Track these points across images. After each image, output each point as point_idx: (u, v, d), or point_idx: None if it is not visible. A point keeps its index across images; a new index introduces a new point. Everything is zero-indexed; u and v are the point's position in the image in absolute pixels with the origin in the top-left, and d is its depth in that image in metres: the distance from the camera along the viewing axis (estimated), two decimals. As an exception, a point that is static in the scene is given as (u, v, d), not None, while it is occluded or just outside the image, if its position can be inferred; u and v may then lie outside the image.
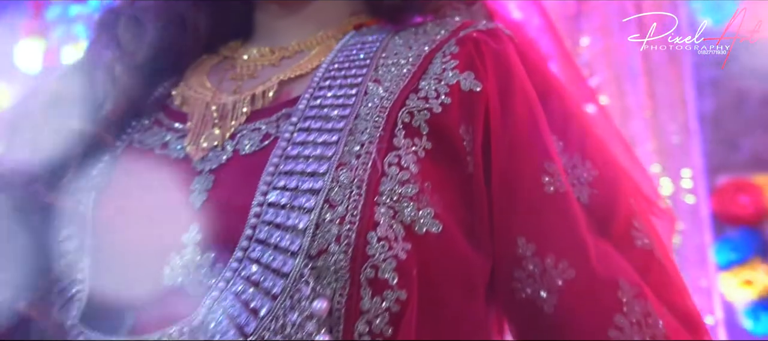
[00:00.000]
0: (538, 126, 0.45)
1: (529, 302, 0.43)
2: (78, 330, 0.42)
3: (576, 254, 0.42)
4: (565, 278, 0.42)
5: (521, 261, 0.43)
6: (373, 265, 0.38)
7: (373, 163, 0.40)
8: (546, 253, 0.42)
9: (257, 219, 0.40)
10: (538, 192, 0.43)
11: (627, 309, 0.41)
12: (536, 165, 0.44)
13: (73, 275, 0.44)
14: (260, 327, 0.37)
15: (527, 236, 0.43)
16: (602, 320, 0.41)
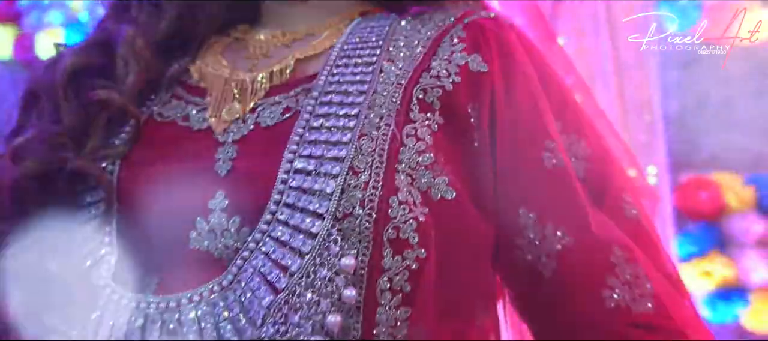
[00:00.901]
0: (538, 106, 0.49)
1: (530, 267, 0.47)
2: (111, 289, 0.44)
3: (573, 222, 0.46)
4: (563, 244, 0.46)
5: (523, 230, 0.47)
6: (394, 226, 0.41)
7: (392, 134, 0.43)
8: (545, 222, 0.46)
9: (284, 185, 0.43)
10: (539, 166, 0.47)
11: (619, 271, 0.45)
12: (537, 142, 0.48)
13: (100, 238, 0.46)
14: (291, 283, 0.40)
15: (528, 207, 0.47)
16: (596, 281, 0.45)
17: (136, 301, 0.43)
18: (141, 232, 0.46)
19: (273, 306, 0.40)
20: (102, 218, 0.46)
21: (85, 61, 0.51)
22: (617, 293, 0.45)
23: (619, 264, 0.45)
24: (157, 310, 0.43)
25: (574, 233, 0.46)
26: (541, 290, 0.47)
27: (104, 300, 0.44)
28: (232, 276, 0.42)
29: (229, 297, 0.42)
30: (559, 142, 0.48)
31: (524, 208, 0.47)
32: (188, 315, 0.42)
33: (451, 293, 0.44)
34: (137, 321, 0.43)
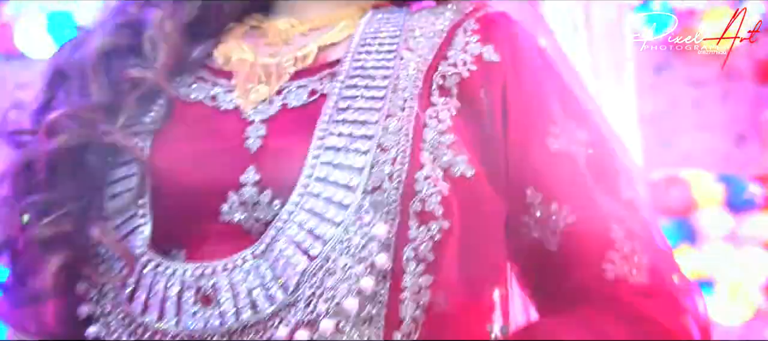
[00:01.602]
0: (543, 95, 0.53)
1: (536, 242, 0.50)
2: (148, 258, 0.46)
3: (576, 202, 0.50)
4: (567, 222, 0.50)
5: (529, 208, 0.50)
6: (420, 199, 0.44)
7: (416, 115, 0.47)
8: (551, 201, 0.50)
9: (316, 160, 0.46)
10: (544, 150, 0.51)
11: (618, 246, 0.49)
12: (542, 127, 0.51)
13: (134, 210, 0.48)
14: (326, 250, 0.43)
15: (535, 187, 0.50)
16: (598, 255, 0.49)
17: (173, 269, 0.46)
18: (172, 205, 0.48)
19: (308, 270, 0.43)
20: (135, 191, 0.48)
21: (114, 42, 0.53)
22: (617, 266, 0.49)
23: (618, 240, 0.49)
24: (193, 277, 0.45)
25: (578, 212, 0.50)
26: (546, 263, 0.50)
27: (141, 267, 0.46)
28: (265, 245, 0.45)
29: (262, 266, 0.45)
30: (563, 127, 0.52)
31: (531, 188, 0.50)
32: (223, 283, 0.45)
33: (470, 263, 0.47)
34: (173, 288, 0.45)
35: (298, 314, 0.42)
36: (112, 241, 0.46)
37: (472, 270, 0.48)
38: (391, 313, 0.44)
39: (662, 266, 0.50)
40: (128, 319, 0.46)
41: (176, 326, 0.45)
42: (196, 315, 0.45)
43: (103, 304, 0.48)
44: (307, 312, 0.42)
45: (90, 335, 0.48)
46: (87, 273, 0.49)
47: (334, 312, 0.42)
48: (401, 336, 0.44)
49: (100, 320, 0.48)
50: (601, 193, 0.52)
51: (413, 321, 0.44)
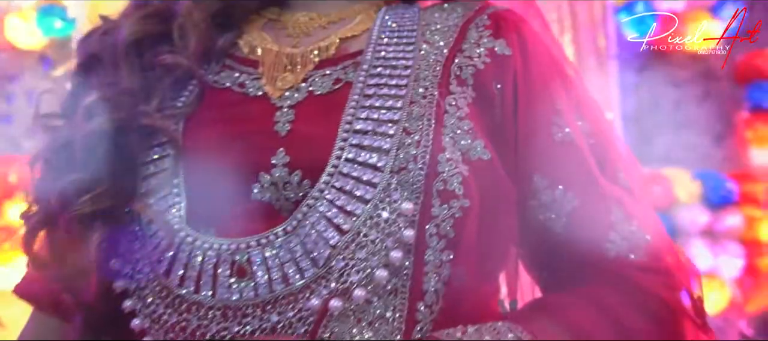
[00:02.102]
0: (549, 87, 0.56)
1: (542, 225, 0.54)
2: (185, 233, 0.49)
3: (580, 187, 0.54)
4: (572, 205, 0.53)
5: (536, 193, 0.54)
6: (442, 179, 0.48)
7: (437, 102, 0.50)
8: (556, 186, 0.54)
9: (345, 143, 0.49)
10: (549, 140, 0.54)
11: (618, 227, 0.53)
12: (547, 119, 0.55)
13: (169, 190, 0.51)
14: (357, 224, 0.46)
15: (541, 173, 0.54)
16: (600, 236, 0.53)
17: (209, 243, 0.48)
18: (204, 185, 0.51)
19: (340, 244, 0.46)
20: (170, 170, 0.51)
21: (143, 30, 0.55)
22: (617, 245, 0.52)
23: (618, 222, 0.53)
24: (229, 251, 0.48)
25: (581, 196, 0.53)
26: (552, 243, 0.54)
27: (179, 240, 0.48)
28: (296, 221, 0.48)
29: (293, 241, 0.47)
30: (567, 118, 0.56)
31: (538, 174, 0.54)
32: (256, 257, 0.47)
33: (487, 241, 0.51)
34: (210, 262, 0.48)
35: (331, 284, 0.45)
36: (154, 214, 0.49)
37: (489, 247, 0.51)
38: (415, 285, 0.47)
39: (659, 246, 0.54)
40: (165, 292, 0.49)
41: (212, 297, 0.47)
42: (231, 287, 0.47)
43: (138, 279, 0.51)
44: (340, 282, 0.45)
45: (127, 308, 0.51)
46: (123, 249, 0.51)
47: (366, 283, 0.45)
48: (424, 307, 0.47)
49: (135, 294, 0.51)
50: (603, 179, 0.55)
51: (435, 293, 0.48)
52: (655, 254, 0.53)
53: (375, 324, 0.46)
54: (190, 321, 0.48)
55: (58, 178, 0.51)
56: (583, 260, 0.53)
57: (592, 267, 0.53)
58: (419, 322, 0.47)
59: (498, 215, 0.52)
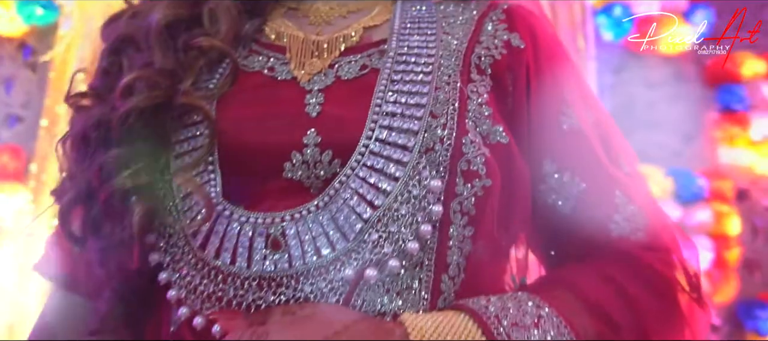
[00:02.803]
0: (558, 79, 0.60)
1: (551, 207, 0.58)
2: (223, 206, 0.51)
3: (586, 172, 0.58)
4: (579, 189, 0.57)
5: (546, 177, 0.58)
6: (467, 160, 0.51)
7: (460, 88, 0.54)
8: (564, 171, 0.57)
9: (375, 124, 0.52)
10: (558, 128, 0.58)
11: (621, 209, 0.57)
12: (557, 109, 0.59)
13: (204, 167, 0.53)
14: (389, 200, 0.49)
15: (551, 159, 0.58)
16: (604, 217, 0.57)
17: (246, 216, 0.51)
18: (237, 163, 0.53)
19: (373, 218, 0.49)
20: (205, 148, 0.53)
21: (176, 13, 0.57)
22: (620, 226, 0.57)
23: (621, 205, 0.57)
24: (264, 225, 0.50)
25: (588, 181, 0.57)
26: (560, 224, 0.58)
27: (216, 213, 0.51)
28: (328, 197, 0.50)
29: (324, 216, 0.50)
30: (575, 108, 0.60)
31: (547, 160, 0.58)
32: (290, 231, 0.50)
33: (504, 219, 0.54)
34: (245, 234, 0.50)
35: (365, 255, 0.48)
36: (195, 187, 0.51)
37: (505, 225, 0.55)
38: (439, 259, 0.50)
39: (657, 226, 0.58)
40: (201, 264, 0.51)
41: (248, 268, 0.50)
42: (266, 258, 0.50)
43: (173, 252, 0.53)
44: (374, 252, 0.48)
45: (162, 280, 0.53)
46: (157, 224, 0.53)
47: (398, 254, 0.48)
48: (448, 279, 0.50)
49: (170, 267, 0.53)
50: (607, 165, 0.60)
51: (458, 266, 0.51)
52: (653, 234, 0.57)
53: (403, 294, 0.49)
54: (226, 291, 0.50)
55: (96, 154, 0.52)
56: (589, 240, 0.57)
57: (597, 246, 0.57)
58: (443, 293, 0.50)
59: (515, 195, 0.55)
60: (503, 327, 0.46)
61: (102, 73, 0.57)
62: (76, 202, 0.54)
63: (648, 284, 0.53)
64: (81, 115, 0.56)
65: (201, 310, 0.50)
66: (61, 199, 0.55)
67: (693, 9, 1.88)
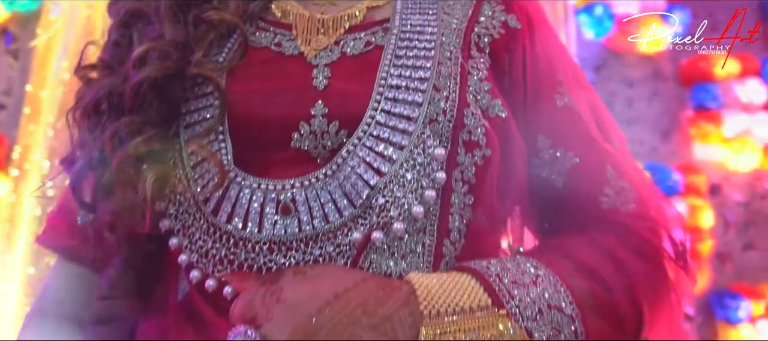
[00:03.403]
0: (552, 59, 0.64)
1: (544, 180, 0.61)
2: (234, 173, 0.53)
3: (578, 147, 0.61)
4: (571, 164, 0.60)
5: (540, 152, 0.61)
6: (468, 131, 0.54)
7: (461, 64, 0.56)
8: (558, 147, 0.60)
9: (381, 96, 0.54)
10: (553, 106, 0.61)
11: (611, 183, 0.60)
12: (552, 87, 0.62)
13: (214, 136, 0.54)
14: (395, 167, 0.51)
15: (545, 135, 0.61)
16: (596, 190, 0.60)
17: (257, 183, 0.52)
18: (246, 133, 0.55)
19: (380, 184, 0.51)
20: (217, 117, 0.54)
21: None
22: (611, 198, 0.60)
23: (611, 179, 0.60)
24: (274, 191, 0.52)
25: (580, 156, 0.60)
26: (552, 197, 0.61)
27: (228, 180, 0.52)
28: (336, 165, 0.53)
29: (332, 183, 0.52)
30: (568, 87, 0.63)
31: (542, 135, 0.61)
32: (300, 197, 0.52)
33: (501, 189, 0.57)
34: (257, 200, 0.52)
35: (373, 218, 0.51)
36: (209, 153, 0.52)
37: (503, 195, 0.57)
38: (442, 224, 0.53)
39: (645, 198, 0.62)
40: (213, 229, 0.53)
41: (259, 233, 0.51)
42: (277, 223, 0.52)
43: (184, 219, 0.54)
44: (381, 216, 0.51)
45: (173, 245, 0.54)
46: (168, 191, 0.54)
47: (403, 217, 0.51)
48: (449, 244, 0.53)
49: (180, 232, 0.54)
50: (599, 141, 0.63)
51: (458, 232, 0.54)
52: (641, 206, 0.60)
53: (407, 258, 0.52)
54: (237, 255, 0.52)
55: (108, 122, 0.54)
56: (581, 212, 0.60)
57: (589, 216, 0.60)
58: (445, 257, 0.53)
59: (512, 166, 0.58)
60: (504, 284, 0.48)
61: (112, 45, 0.58)
62: (87, 169, 0.55)
63: (637, 251, 0.56)
64: (91, 86, 0.57)
65: (212, 273, 0.52)
66: (71, 167, 0.56)
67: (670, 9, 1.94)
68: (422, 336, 0.45)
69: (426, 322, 0.45)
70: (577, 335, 0.48)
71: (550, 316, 0.48)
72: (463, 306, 0.46)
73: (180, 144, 0.55)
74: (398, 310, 0.46)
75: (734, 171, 2.06)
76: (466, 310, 0.46)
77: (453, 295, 0.47)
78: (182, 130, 0.56)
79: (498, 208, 0.58)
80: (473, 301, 0.47)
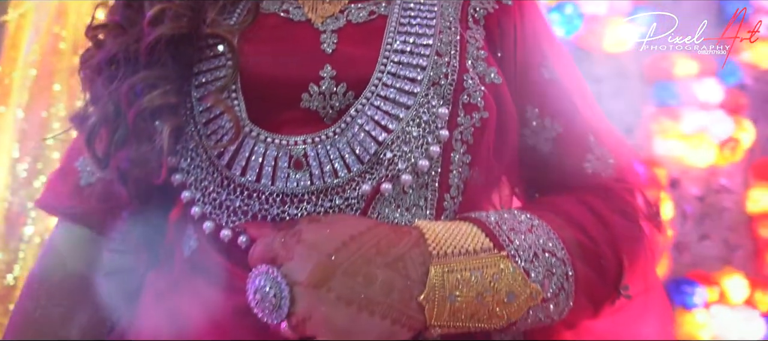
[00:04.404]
0: (539, 38, 0.68)
1: (532, 148, 0.66)
2: (249, 127, 0.55)
3: (563, 117, 0.66)
4: (557, 132, 0.65)
5: (528, 121, 0.66)
6: (467, 94, 0.58)
7: (460, 33, 0.60)
8: (544, 116, 0.65)
9: (387, 60, 0.58)
10: (540, 78, 0.66)
11: (594, 149, 0.66)
12: (539, 61, 0.67)
13: (227, 94, 0.57)
14: (402, 124, 0.55)
15: (533, 105, 0.65)
16: (579, 157, 0.65)
17: (271, 138, 0.55)
18: (257, 93, 0.57)
19: (388, 140, 0.54)
20: (229, 76, 0.57)
21: None
22: (593, 164, 0.65)
23: (594, 146, 0.66)
24: (287, 147, 0.55)
25: (564, 125, 0.65)
26: (539, 163, 0.66)
27: (244, 134, 0.55)
28: (345, 124, 0.56)
29: (341, 141, 0.55)
30: (553, 62, 0.68)
31: (530, 105, 0.66)
32: (311, 153, 0.55)
33: (496, 150, 0.61)
34: (270, 154, 0.55)
35: (382, 171, 0.54)
36: (226, 107, 0.55)
37: (497, 156, 0.62)
38: (443, 180, 0.57)
39: (624, 164, 0.67)
40: (227, 181, 0.55)
41: (272, 185, 0.54)
42: (289, 177, 0.55)
43: (196, 173, 0.57)
44: (390, 169, 0.54)
45: (186, 198, 0.56)
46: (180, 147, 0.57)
47: (410, 170, 0.54)
48: (449, 198, 0.57)
49: (193, 185, 0.56)
50: (582, 112, 0.68)
51: (457, 188, 0.58)
52: (620, 171, 0.66)
53: (411, 210, 0.55)
54: (251, 206, 0.54)
55: (123, 78, 0.56)
56: (566, 175, 0.65)
57: (574, 180, 0.65)
58: (445, 210, 0.57)
59: (506, 130, 0.62)
60: (503, 230, 0.53)
61: (123, 6, 0.60)
62: (102, 123, 0.56)
63: (617, 209, 0.62)
64: (103, 46, 0.58)
65: (226, 224, 0.55)
66: (84, 123, 0.58)
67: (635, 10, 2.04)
68: (431, 273, 0.48)
69: (435, 261, 0.49)
70: (568, 277, 0.53)
71: (544, 259, 0.52)
72: (467, 248, 0.50)
73: (191, 103, 0.57)
74: (409, 250, 0.49)
75: (692, 166, 2.17)
76: (470, 252, 0.50)
77: (458, 239, 0.51)
78: (194, 89, 0.58)
79: (493, 167, 0.62)
80: (476, 244, 0.51)
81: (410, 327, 0.48)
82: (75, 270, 0.64)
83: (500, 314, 0.50)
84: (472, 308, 0.49)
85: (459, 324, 0.49)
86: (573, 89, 0.69)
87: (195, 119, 0.57)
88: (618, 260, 0.59)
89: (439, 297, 0.48)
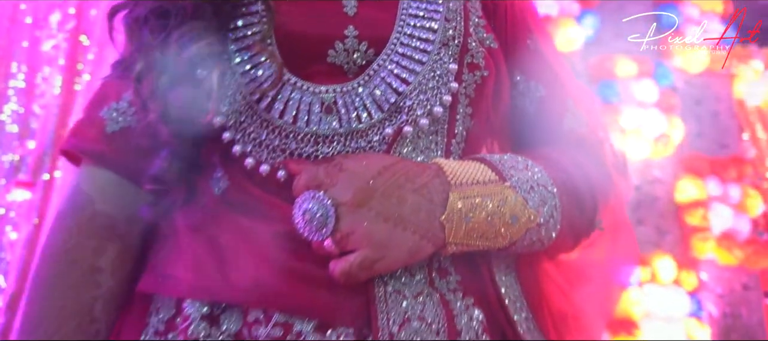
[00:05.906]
0: (525, 13, 0.79)
1: (519, 108, 0.76)
2: (287, 76, 0.63)
3: (546, 82, 0.76)
4: (540, 94, 0.76)
5: (517, 85, 0.76)
6: (471, 54, 0.68)
7: (464, 4, 0.70)
8: (530, 80, 0.76)
9: (403, 22, 0.67)
10: (526, 48, 0.77)
11: (571, 110, 0.77)
12: (525, 35, 0.77)
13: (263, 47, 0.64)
14: (419, 77, 0.64)
15: (520, 71, 0.76)
16: (559, 116, 0.76)
17: (306, 86, 0.63)
18: (287, 47, 0.65)
19: (407, 90, 0.63)
20: (266, 30, 0.64)
21: None
22: (570, 121, 0.76)
23: (570, 108, 0.77)
24: (319, 94, 0.63)
25: (548, 89, 0.76)
26: (525, 121, 0.76)
27: (282, 82, 0.62)
28: (368, 77, 0.64)
29: (365, 91, 0.64)
30: (538, 36, 0.79)
31: (518, 71, 0.76)
32: (339, 101, 0.63)
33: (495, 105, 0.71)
34: (305, 100, 0.63)
35: (402, 116, 0.63)
36: (270, 53, 0.62)
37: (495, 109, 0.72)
38: (450, 128, 0.66)
39: (595, 123, 0.79)
40: (266, 123, 0.62)
41: (307, 126, 0.62)
42: (321, 120, 0.62)
43: (235, 116, 0.63)
44: (410, 114, 0.63)
45: (226, 139, 0.63)
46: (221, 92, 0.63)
47: (427, 115, 0.63)
48: (455, 144, 0.67)
49: (232, 128, 0.63)
50: (561, 78, 0.79)
51: (462, 136, 0.67)
52: (592, 128, 0.78)
53: (425, 152, 0.65)
54: (288, 144, 0.62)
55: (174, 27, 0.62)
56: (548, 132, 0.76)
57: (555, 136, 0.76)
58: (452, 154, 0.66)
59: (500, 88, 0.72)
60: (505, 168, 0.63)
61: None
62: (149, 69, 0.62)
63: (591, 157, 0.73)
64: None
65: (267, 160, 0.62)
66: (129, 69, 0.63)
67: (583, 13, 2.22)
68: (451, 198, 0.58)
69: (453, 189, 0.58)
70: (556, 207, 0.64)
71: (539, 191, 0.63)
72: (478, 179, 0.60)
73: (228, 55, 0.64)
74: (432, 180, 0.58)
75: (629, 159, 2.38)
76: (480, 182, 0.60)
77: (470, 172, 0.60)
78: (231, 42, 0.65)
79: (491, 119, 0.72)
80: (485, 176, 0.61)
81: (434, 242, 0.57)
82: (103, 209, 0.68)
83: (504, 234, 0.60)
84: (483, 227, 0.59)
85: (471, 242, 0.59)
86: (553, 60, 0.80)
87: (233, 68, 0.64)
88: (594, 198, 0.70)
89: (457, 218, 0.58)
